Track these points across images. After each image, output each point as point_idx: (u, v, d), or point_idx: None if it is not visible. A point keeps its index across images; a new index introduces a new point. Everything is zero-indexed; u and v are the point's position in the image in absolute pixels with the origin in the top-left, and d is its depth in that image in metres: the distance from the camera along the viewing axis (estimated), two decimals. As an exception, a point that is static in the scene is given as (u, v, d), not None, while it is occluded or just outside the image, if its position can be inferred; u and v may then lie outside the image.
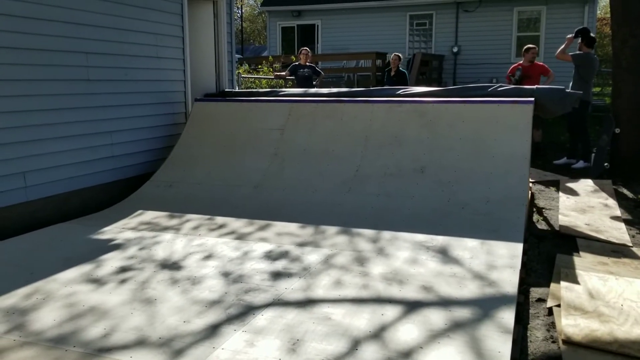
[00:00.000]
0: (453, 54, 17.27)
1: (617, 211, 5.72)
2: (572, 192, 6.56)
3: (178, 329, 3.01)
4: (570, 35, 8.55)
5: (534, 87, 6.18)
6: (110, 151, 6.10)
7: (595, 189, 6.67)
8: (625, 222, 5.35)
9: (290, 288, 3.56)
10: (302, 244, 4.45)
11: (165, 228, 4.98)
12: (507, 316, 3.08)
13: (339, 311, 3.20)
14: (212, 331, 2.98)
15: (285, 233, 4.75)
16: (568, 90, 6.38)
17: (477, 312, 3.14)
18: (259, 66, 13.35)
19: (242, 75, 11.29)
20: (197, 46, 7.71)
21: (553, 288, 3.78)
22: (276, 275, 3.79)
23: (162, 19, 6.71)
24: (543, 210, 6.01)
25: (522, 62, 9.17)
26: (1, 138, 4.93)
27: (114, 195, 6.07)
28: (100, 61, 5.88)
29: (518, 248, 4.22)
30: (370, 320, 3.08)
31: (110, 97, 6.04)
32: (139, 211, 5.54)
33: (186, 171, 6.34)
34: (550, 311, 3.49)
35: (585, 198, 6.28)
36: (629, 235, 4.97)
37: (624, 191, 6.79)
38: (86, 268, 3.98)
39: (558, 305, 3.48)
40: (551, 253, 4.59)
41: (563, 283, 3.71)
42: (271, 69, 12.63)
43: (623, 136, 7.44)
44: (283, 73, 11.14)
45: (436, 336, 2.88)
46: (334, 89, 7.47)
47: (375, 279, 3.68)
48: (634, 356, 2.83)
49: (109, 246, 4.48)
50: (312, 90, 7.81)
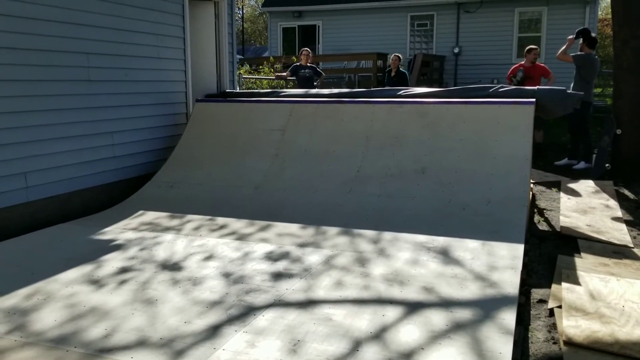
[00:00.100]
0: (454, 55, 17.27)
1: (619, 212, 5.72)
2: (573, 193, 6.55)
3: (179, 330, 3.01)
4: (571, 36, 8.55)
5: (535, 88, 6.17)
6: (111, 152, 6.11)
7: (596, 190, 6.67)
8: (626, 223, 5.35)
9: (291, 289, 3.56)
10: (303, 245, 4.44)
11: (166, 229, 4.98)
12: (508, 317, 3.08)
13: (340, 312, 3.20)
14: (213, 332, 2.98)
15: (286, 234, 4.75)
16: (569, 91, 6.37)
17: (478, 313, 3.14)
18: (260, 67, 13.38)
19: (243, 75, 11.31)
20: (198, 47, 7.72)
21: (554, 289, 3.78)
22: (277, 276, 3.79)
23: (163, 20, 6.71)
24: (544, 211, 6.01)
25: (524, 63, 9.17)
26: (2, 138, 4.93)
27: (115, 195, 6.07)
28: (101, 62, 5.89)
29: (519, 249, 4.22)
30: (371, 321, 3.08)
31: (111, 98, 6.05)
32: (140, 212, 5.54)
33: (187, 172, 6.34)
34: (551, 312, 3.49)
35: (586, 199, 6.27)
36: (630, 236, 4.97)
37: (625, 192, 6.79)
38: (87, 268, 3.98)
39: (559, 306, 3.48)
40: (552, 254, 4.59)
41: (564, 284, 3.70)
42: (272, 70, 12.64)
43: (624, 137, 7.43)
44: (284, 74, 11.15)
45: (437, 337, 2.87)
46: (335, 90, 7.47)
47: (376, 280, 3.68)
48: (635, 357, 2.82)
49: (110, 247, 4.49)
50: (313, 90, 7.81)
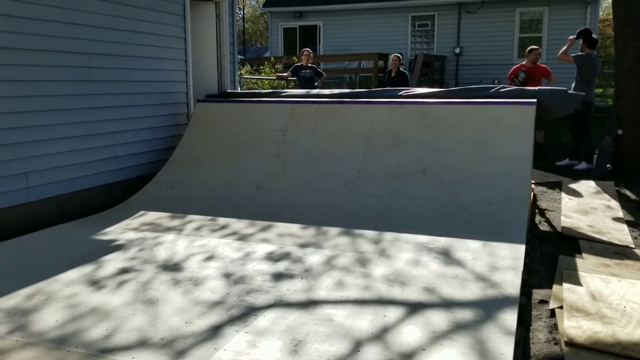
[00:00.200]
0: (455, 55, 17.26)
1: (620, 213, 5.71)
2: (575, 194, 6.55)
3: (180, 330, 3.01)
4: (572, 36, 8.55)
5: (537, 89, 6.16)
6: (112, 152, 6.11)
7: (597, 191, 6.66)
8: (627, 224, 5.34)
9: (292, 289, 3.55)
10: (304, 245, 4.44)
11: (167, 229, 4.98)
12: (510, 318, 3.08)
13: (341, 312, 3.20)
14: (214, 332, 2.98)
15: (287, 234, 4.75)
16: (570, 91, 6.37)
17: (480, 314, 3.13)
18: (261, 67, 13.39)
19: (244, 76, 11.31)
20: (199, 47, 7.72)
21: (555, 290, 3.78)
22: (278, 276, 3.79)
23: (164, 20, 6.72)
24: (545, 211, 6.00)
25: (525, 63, 9.16)
26: (3, 139, 4.94)
27: (116, 196, 6.07)
28: (102, 62, 5.89)
29: (520, 249, 4.21)
30: (372, 321, 3.07)
31: (112, 98, 6.05)
32: (141, 212, 5.54)
33: (188, 172, 6.34)
34: (552, 313, 3.48)
35: (587, 199, 6.27)
36: (632, 236, 4.96)
37: (627, 192, 6.78)
38: (88, 269, 3.98)
39: (560, 307, 3.47)
40: (553, 254, 4.59)
41: (565, 285, 3.70)
42: (273, 70, 12.64)
43: (625, 137, 7.42)
44: (285, 74, 11.15)
45: (438, 338, 2.87)
46: (336, 90, 7.46)
47: (377, 280, 3.68)
48: (637, 358, 2.82)
49: (111, 247, 4.49)
50: (314, 91, 7.81)
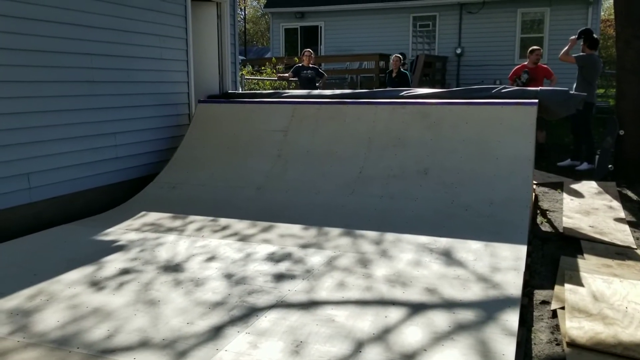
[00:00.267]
0: (456, 56, 17.26)
1: (622, 213, 5.70)
2: (576, 194, 6.54)
3: (181, 331, 3.01)
4: (573, 36, 8.54)
5: (538, 89, 6.15)
6: (114, 152, 6.11)
7: (599, 191, 6.65)
8: (629, 224, 5.33)
9: (293, 290, 3.55)
10: (305, 246, 4.44)
11: (168, 229, 4.99)
12: (511, 318, 3.07)
13: (343, 313, 3.20)
14: (216, 333, 2.98)
15: (288, 235, 4.75)
16: (572, 92, 6.36)
17: (481, 315, 3.13)
18: (262, 68, 13.40)
19: (246, 76, 11.32)
20: (201, 48, 7.72)
21: (557, 290, 3.77)
22: (279, 277, 3.79)
23: (166, 21, 6.72)
24: (547, 212, 6.00)
25: (527, 64, 9.15)
26: (5, 139, 4.94)
27: (118, 196, 6.08)
28: (104, 63, 5.89)
29: (522, 250, 4.21)
30: (373, 322, 3.07)
31: (113, 99, 6.06)
32: (142, 212, 5.54)
33: (189, 173, 6.34)
34: (554, 313, 3.48)
35: (589, 200, 6.26)
36: (633, 237, 4.96)
37: (628, 193, 6.77)
38: (90, 269, 3.99)
39: (562, 307, 3.47)
40: (555, 255, 4.58)
41: (567, 285, 3.70)
42: (274, 71, 12.65)
43: (627, 138, 7.41)
44: (286, 74, 11.15)
45: (440, 338, 2.87)
46: (337, 91, 7.46)
47: (378, 281, 3.67)
48: (638, 359, 2.81)
49: (113, 247, 4.49)
50: (315, 91, 7.81)
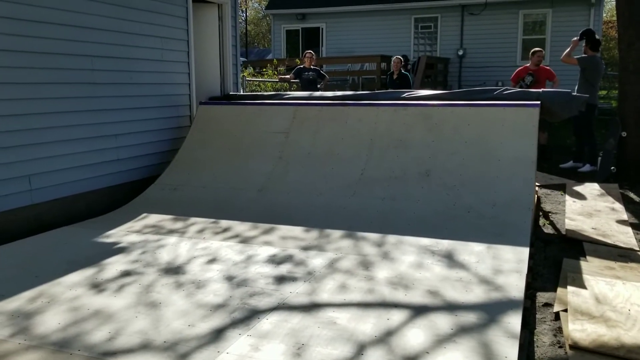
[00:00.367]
0: (458, 57, 17.25)
1: (624, 215, 5.69)
2: (579, 196, 6.52)
3: (183, 333, 3.00)
4: (575, 38, 8.53)
5: (540, 91, 6.13)
6: (115, 154, 6.11)
7: (601, 193, 6.63)
8: (632, 226, 5.32)
9: (295, 292, 3.54)
10: (307, 248, 4.43)
11: (169, 231, 4.98)
12: (514, 321, 3.06)
13: (344, 315, 3.18)
14: (217, 335, 2.97)
15: (289, 237, 4.74)
16: (574, 93, 6.35)
17: (484, 317, 3.12)
18: (264, 69, 13.40)
19: (247, 78, 11.31)
20: (202, 49, 7.72)
21: (560, 293, 3.76)
22: (281, 279, 3.78)
23: (167, 23, 6.72)
24: (549, 214, 5.98)
25: (529, 66, 9.14)
26: (7, 141, 4.94)
27: (119, 198, 6.07)
28: (105, 64, 5.89)
29: (524, 252, 4.20)
30: (375, 324, 3.06)
31: (115, 101, 6.06)
32: (144, 214, 5.54)
33: (191, 174, 6.34)
34: (557, 316, 3.46)
35: (591, 202, 6.24)
36: (636, 239, 4.94)
37: (631, 195, 6.76)
38: (91, 271, 3.98)
39: (565, 310, 3.45)
40: (558, 257, 4.57)
41: (570, 288, 3.68)
42: (276, 72, 12.65)
43: (629, 139, 7.40)
44: (287, 76, 11.16)
45: (442, 341, 2.86)
46: (339, 92, 7.46)
47: (380, 283, 3.66)
48: (643, 362, 2.80)
49: (114, 249, 4.48)
50: (317, 93, 7.80)
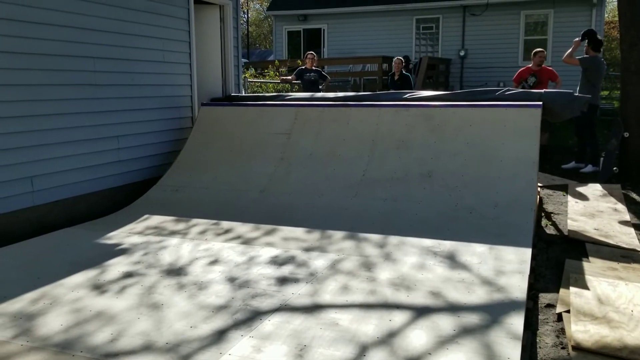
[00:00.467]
0: (460, 58, 17.23)
1: (627, 216, 5.67)
2: (581, 197, 6.51)
3: (185, 334, 3.00)
4: (577, 38, 8.52)
5: (542, 91, 6.12)
6: (117, 156, 6.11)
7: (604, 194, 6.62)
8: (634, 227, 5.30)
9: (297, 293, 3.54)
10: (309, 249, 4.43)
11: (171, 233, 4.98)
12: (516, 322, 3.05)
13: (347, 317, 3.18)
14: (219, 336, 2.97)
15: (291, 238, 4.74)
16: (576, 94, 6.34)
17: (486, 318, 3.11)
18: (265, 70, 13.39)
19: (248, 79, 11.32)
20: (204, 51, 7.73)
21: (562, 294, 3.75)
22: (283, 280, 3.77)
23: (169, 24, 6.73)
24: (552, 214, 5.97)
25: (531, 66, 9.13)
26: (9, 143, 4.95)
27: (120, 199, 6.08)
28: (107, 66, 5.90)
29: (527, 253, 4.19)
30: (377, 326, 3.06)
31: (117, 102, 6.06)
32: (145, 216, 5.54)
33: (192, 176, 6.34)
34: (559, 317, 3.45)
35: (594, 202, 6.23)
36: (639, 240, 4.93)
37: (633, 195, 6.74)
38: (93, 273, 3.98)
39: (567, 311, 3.45)
40: (560, 258, 4.56)
41: (572, 289, 3.67)
42: (277, 73, 12.65)
43: (632, 140, 7.39)
44: (289, 77, 11.15)
45: (445, 342, 2.85)
46: (340, 93, 7.46)
47: (382, 285, 3.66)
48: (646, 363, 2.79)
49: (116, 251, 4.48)
50: (318, 94, 7.81)
